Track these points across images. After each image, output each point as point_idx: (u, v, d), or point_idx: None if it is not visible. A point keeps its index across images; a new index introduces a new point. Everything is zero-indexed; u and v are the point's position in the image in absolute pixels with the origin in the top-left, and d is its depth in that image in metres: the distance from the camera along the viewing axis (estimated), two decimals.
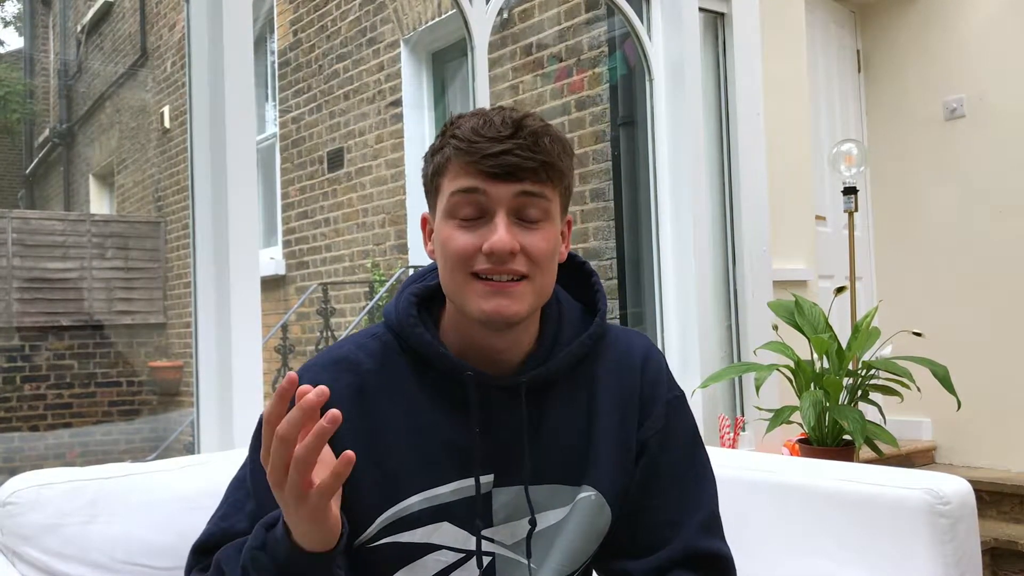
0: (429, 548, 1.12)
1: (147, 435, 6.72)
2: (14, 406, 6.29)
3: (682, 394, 1.26)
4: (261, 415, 1.14)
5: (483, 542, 1.13)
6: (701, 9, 2.94)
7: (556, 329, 1.17)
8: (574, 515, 1.16)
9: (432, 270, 1.19)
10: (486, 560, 1.13)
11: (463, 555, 1.12)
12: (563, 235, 1.15)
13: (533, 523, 1.14)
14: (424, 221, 1.17)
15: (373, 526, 1.11)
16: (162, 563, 1.38)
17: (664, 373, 1.24)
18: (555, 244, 1.10)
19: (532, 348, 1.16)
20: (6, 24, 8.97)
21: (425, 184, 1.15)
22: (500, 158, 1.04)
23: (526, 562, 1.15)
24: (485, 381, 1.12)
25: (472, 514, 1.12)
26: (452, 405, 1.12)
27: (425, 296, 1.18)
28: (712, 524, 1.21)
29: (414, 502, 1.10)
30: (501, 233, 1.04)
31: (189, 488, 1.46)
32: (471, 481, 1.12)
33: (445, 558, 1.12)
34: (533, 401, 1.14)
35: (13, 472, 1.45)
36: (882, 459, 2.49)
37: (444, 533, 1.11)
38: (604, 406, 1.18)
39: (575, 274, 1.25)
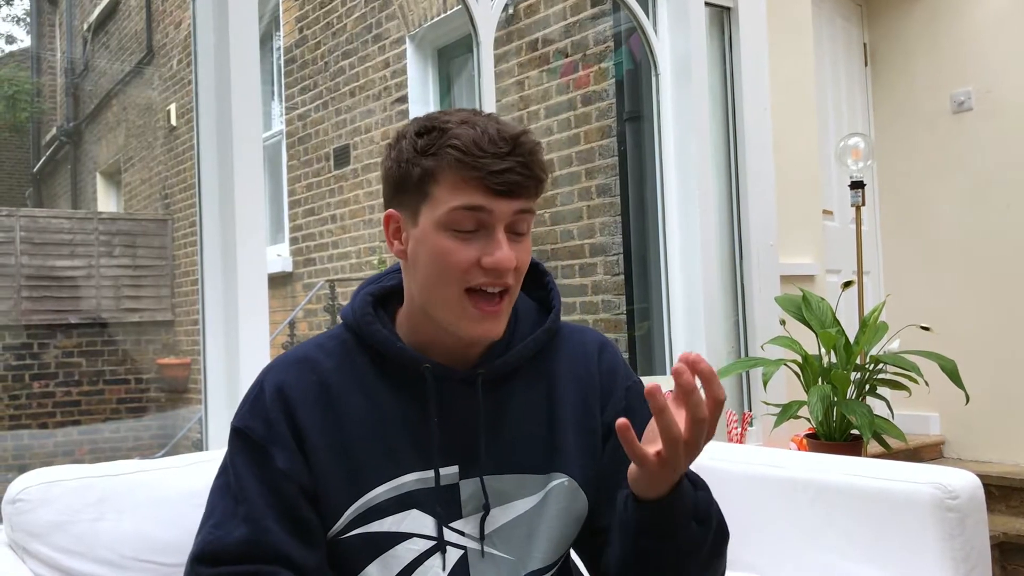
0: (399, 537, 1.13)
1: (155, 432, 6.75)
2: (23, 404, 6.32)
3: (639, 380, 1.29)
4: (232, 422, 1.15)
5: (453, 534, 1.14)
6: (707, 4, 2.93)
7: (513, 325, 1.20)
8: (550, 502, 1.18)
9: (389, 272, 1.23)
10: (457, 553, 1.14)
11: (434, 543, 1.14)
12: None
13: (487, 509, 1.15)
14: (388, 219, 1.15)
15: (343, 518, 1.12)
16: (170, 560, 1.39)
17: (620, 363, 1.28)
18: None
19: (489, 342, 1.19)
20: (17, 21, 9.00)
21: (401, 182, 1.11)
22: (504, 175, 1.05)
23: (497, 553, 1.16)
24: (443, 374, 1.14)
25: (436, 503, 1.14)
26: (412, 397, 1.15)
27: (381, 296, 1.21)
28: None
29: (380, 492, 1.12)
30: (505, 250, 1.07)
31: (197, 485, 1.45)
32: (433, 472, 1.14)
33: (416, 546, 1.13)
34: (492, 393, 1.16)
35: (22, 469, 1.45)
36: (890, 454, 2.49)
37: (413, 521, 1.13)
38: (564, 396, 1.21)
39: (530, 274, 1.26)
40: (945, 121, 3.82)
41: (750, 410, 2.96)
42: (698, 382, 0.96)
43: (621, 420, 0.95)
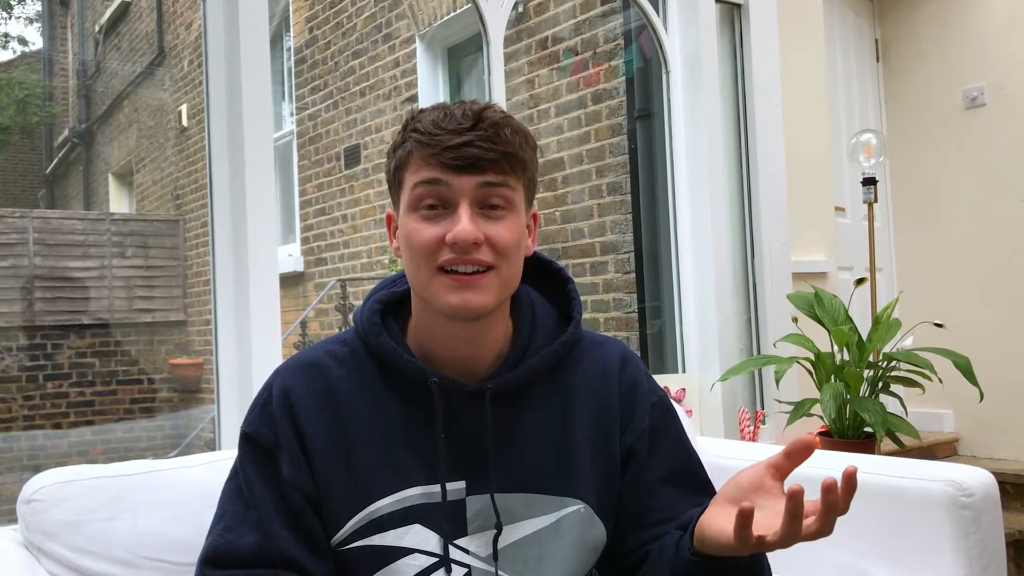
0: (402, 552, 1.10)
1: (168, 432, 6.77)
2: (37, 404, 6.36)
3: (663, 395, 1.25)
4: (241, 427, 1.14)
5: (457, 552, 1.11)
6: (717, 0, 2.92)
7: (528, 335, 1.16)
8: (564, 529, 1.14)
9: (401, 276, 1.19)
10: (461, 572, 1.11)
11: (436, 559, 1.11)
12: (529, 228, 1.15)
13: (499, 528, 1.12)
14: (389, 219, 1.17)
15: (345, 528, 1.10)
16: (184, 559, 1.39)
17: (642, 377, 1.23)
18: (520, 235, 1.10)
19: (503, 352, 1.15)
20: (30, 22, 9.05)
21: (388, 180, 1.14)
22: (461, 150, 1.04)
23: (502, 574, 1.13)
24: (451, 387, 1.11)
25: (441, 519, 1.11)
26: (419, 410, 1.12)
27: (391, 302, 1.18)
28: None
29: (384, 504, 1.10)
30: (464, 223, 1.04)
31: (211, 484, 1.45)
32: (438, 487, 1.11)
33: (418, 562, 1.10)
34: (503, 408, 1.13)
35: (37, 469, 1.46)
36: (904, 451, 2.48)
37: (415, 536, 1.10)
38: (581, 415, 1.17)
39: (551, 280, 1.24)
40: (958, 117, 3.80)
41: (762, 408, 2.95)
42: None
43: (746, 506, 0.89)
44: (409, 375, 1.12)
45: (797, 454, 0.99)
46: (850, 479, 0.91)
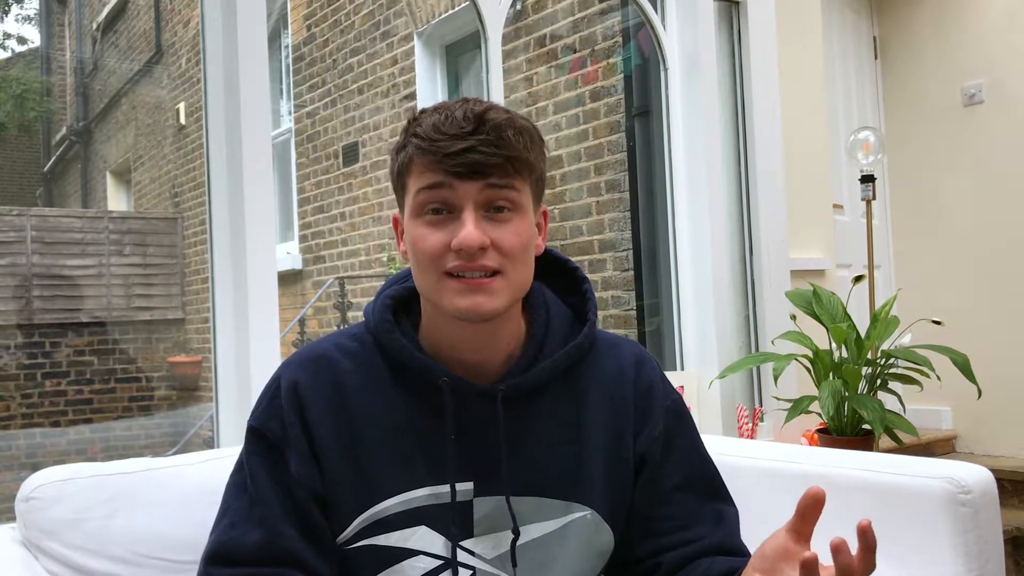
0: (406, 553, 1.09)
1: (167, 430, 6.77)
2: (36, 402, 6.35)
3: (678, 397, 1.23)
4: (249, 421, 1.13)
5: (463, 553, 1.10)
6: None
7: (542, 337, 1.14)
8: (571, 535, 1.13)
9: (411, 272, 1.17)
10: (467, 574, 1.10)
11: (441, 562, 1.10)
12: (539, 227, 1.13)
13: (516, 533, 1.10)
14: (395, 222, 1.15)
15: (351, 527, 1.09)
16: (184, 557, 1.39)
17: (658, 380, 1.21)
18: (528, 237, 1.07)
19: (516, 353, 1.14)
20: (28, 20, 9.03)
21: (392, 182, 1.12)
22: (463, 156, 1.01)
23: (509, 575, 1.12)
24: (462, 387, 1.09)
25: (449, 521, 1.10)
26: (429, 409, 1.10)
27: (403, 298, 1.16)
28: (722, 515, 1.19)
29: (390, 504, 1.09)
30: (469, 228, 1.02)
31: (210, 482, 1.45)
32: (448, 487, 1.10)
33: (423, 564, 1.09)
34: (514, 410, 1.11)
35: (36, 468, 1.46)
36: (902, 448, 2.48)
37: (421, 538, 1.09)
38: (594, 419, 1.15)
39: (567, 280, 1.22)
40: (956, 114, 3.80)
41: (761, 405, 2.95)
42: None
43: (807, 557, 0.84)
44: (420, 373, 1.10)
45: (809, 512, 0.94)
46: (865, 533, 0.84)
